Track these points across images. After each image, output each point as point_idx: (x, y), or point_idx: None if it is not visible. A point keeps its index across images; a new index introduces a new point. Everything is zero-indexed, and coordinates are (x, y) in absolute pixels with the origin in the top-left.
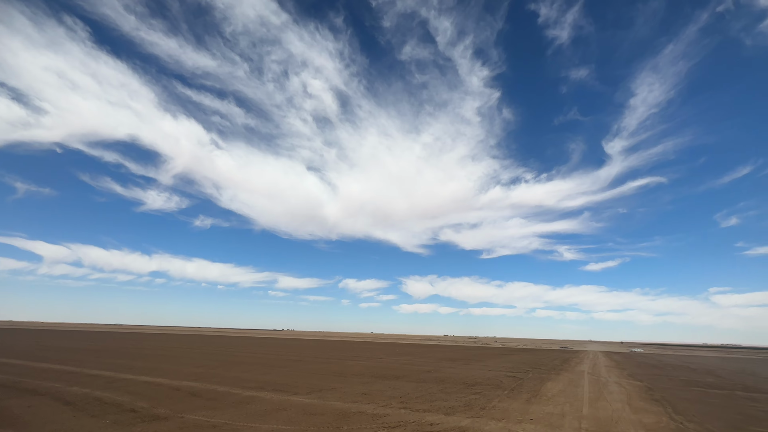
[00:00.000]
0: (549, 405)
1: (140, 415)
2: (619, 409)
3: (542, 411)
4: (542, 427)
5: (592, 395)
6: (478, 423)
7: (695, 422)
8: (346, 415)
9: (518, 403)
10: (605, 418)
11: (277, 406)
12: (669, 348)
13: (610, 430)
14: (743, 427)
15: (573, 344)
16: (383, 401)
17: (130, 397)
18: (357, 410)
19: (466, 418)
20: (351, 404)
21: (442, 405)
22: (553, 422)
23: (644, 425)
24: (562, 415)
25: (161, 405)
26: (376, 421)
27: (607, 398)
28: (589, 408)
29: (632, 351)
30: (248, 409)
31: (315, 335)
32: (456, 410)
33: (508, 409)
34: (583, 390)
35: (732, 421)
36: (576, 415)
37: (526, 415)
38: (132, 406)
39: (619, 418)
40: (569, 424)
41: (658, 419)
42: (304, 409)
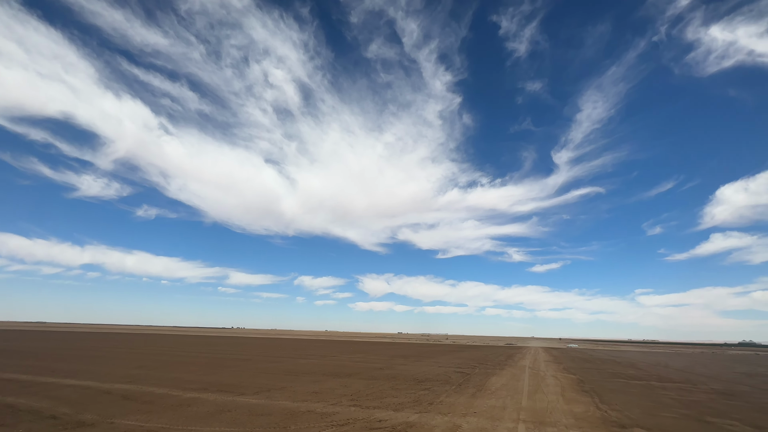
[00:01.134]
0: (492, 398)
1: (62, 422)
2: (554, 400)
3: (486, 404)
4: (484, 419)
5: (531, 388)
6: (425, 418)
7: (617, 410)
8: (294, 415)
9: (464, 398)
10: (541, 409)
11: (221, 407)
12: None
13: (545, 419)
14: (655, 413)
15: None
16: (334, 399)
17: (50, 403)
18: (306, 409)
19: (414, 414)
20: (300, 403)
21: (392, 401)
22: (494, 415)
23: (574, 414)
24: (504, 408)
25: (88, 410)
26: (324, 420)
27: (544, 391)
28: (527, 400)
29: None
30: (188, 412)
31: (267, 334)
32: (405, 406)
33: (455, 404)
34: (524, 384)
35: (647, 408)
36: (516, 407)
37: (471, 409)
38: (53, 413)
39: (553, 409)
40: (509, 415)
41: (587, 408)
42: (250, 410)
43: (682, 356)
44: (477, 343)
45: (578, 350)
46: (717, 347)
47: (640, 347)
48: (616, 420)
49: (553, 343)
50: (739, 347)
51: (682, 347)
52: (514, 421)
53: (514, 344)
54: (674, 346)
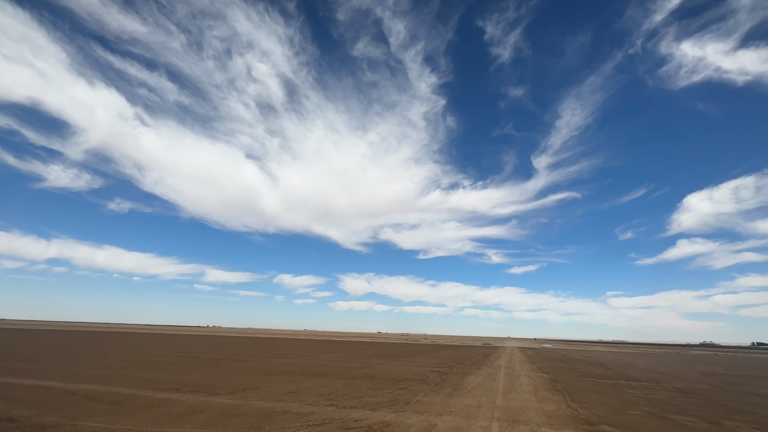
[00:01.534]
0: (468, 397)
1: (20, 424)
2: (527, 399)
3: (461, 403)
4: (460, 418)
5: (505, 387)
6: (402, 417)
7: (586, 408)
8: (269, 415)
9: (441, 397)
10: (514, 407)
11: (193, 408)
12: (573, 344)
13: (518, 417)
14: (622, 410)
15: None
16: (310, 399)
17: (7, 405)
18: (281, 409)
19: (391, 413)
20: (276, 403)
21: (369, 401)
22: (470, 413)
23: (546, 412)
24: (479, 407)
25: (50, 412)
26: (300, 420)
27: (518, 390)
28: (502, 399)
29: (543, 347)
30: (158, 413)
31: (244, 332)
32: (382, 406)
33: (431, 403)
34: (499, 383)
35: (614, 405)
36: (490, 405)
37: (447, 408)
38: (9, 415)
39: (526, 407)
40: (483, 414)
41: (558, 407)
42: (223, 410)
43: (648, 356)
44: (455, 343)
45: (552, 350)
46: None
47: (610, 347)
48: (585, 418)
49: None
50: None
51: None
52: (489, 419)
53: (491, 344)
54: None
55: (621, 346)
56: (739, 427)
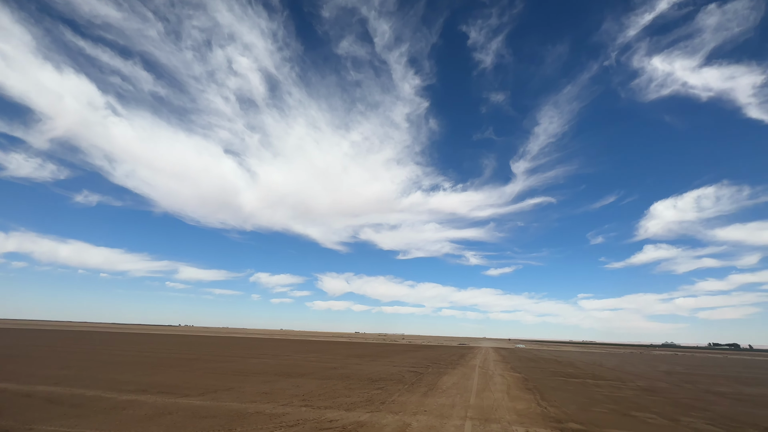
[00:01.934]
0: (443, 397)
1: None
2: (500, 398)
3: (436, 403)
4: (434, 417)
5: (479, 387)
6: (377, 417)
7: (555, 406)
8: (241, 416)
9: (416, 397)
10: (487, 406)
11: (161, 410)
12: (545, 344)
13: (490, 416)
14: (588, 408)
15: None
16: (284, 400)
17: None
18: (254, 410)
19: (366, 413)
20: (248, 404)
21: (344, 401)
22: (444, 412)
23: (517, 411)
24: (452, 406)
25: (2, 416)
26: (273, 421)
27: (492, 389)
28: (475, 398)
29: (517, 347)
30: (123, 416)
31: (218, 332)
32: (357, 406)
33: (406, 403)
34: (473, 382)
35: (582, 404)
36: (464, 405)
37: (421, 407)
38: None
39: (498, 406)
40: (457, 413)
41: (528, 405)
42: (193, 412)
43: (614, 356)
44: (432, 343)
45: (525, 350)
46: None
47: (579, 347)
48: (554, 416)
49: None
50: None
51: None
52: (462, 418)
53: (467, 344)
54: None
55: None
56: (695, 422)
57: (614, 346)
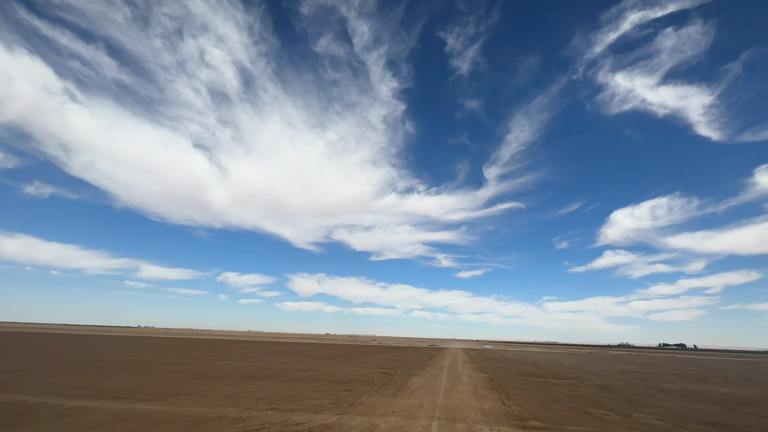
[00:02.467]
0: (411, 398)
1: None
2: (467, 398)
3: (404, 404)
4: (401, 418)
5: (447, 387)
6: (344, 419)
7: (519, 405)
8: (203, 421)
9: (385, 398)
10: (454, 406)
11: (115, 416)
12: (511, 345)
13: (456, 416)
14: (549, 406)
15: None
16: (250, 403)
17: None
18: (217, 415)
19: (334, 415)
20: (211, 408)
21: (312, 404)
22: (411, 413)
23: (482, 410)
24: (420, 406)
25: None
26: (237, 425)
27: (459, 389)
28: (443, 398)
29: (484, 348)
30: (71, 423)
31: (181, 333)
32: (325, 408)
33: (375, 404)
34: (441, 383)
35: (543, 402)
36: (432, 405)
37: (390, 408)
38: None
39: (465, 406)
40: (424, 413)
41: (493, 404)
42: (150, 418)
43: (575, 356)
44: (403, 345)
45: (492, 351)
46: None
47: (543, 348)
48: (517, 414)
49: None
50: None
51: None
52: (429, 418)
53: (437, 345)
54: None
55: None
56: (645, 418)
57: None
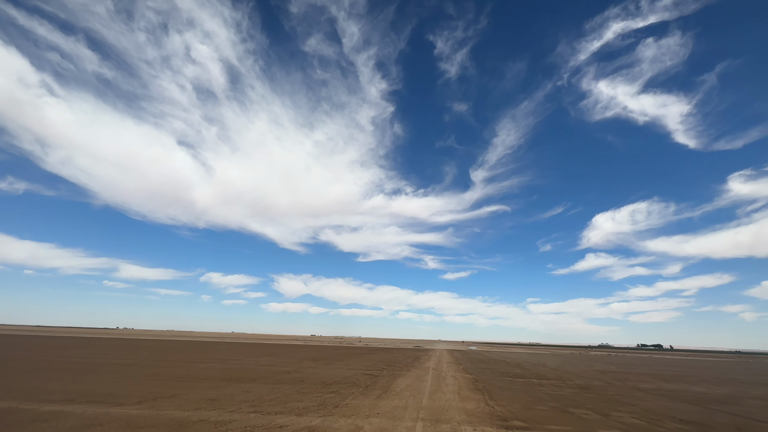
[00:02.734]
0: (396, 399)
1: None
2: (451, 399)
3: (389, 405)
4: (386, 419)
5: (432, 388)
6: (329, 421)
7: (502, 405)
8: (183, 425)
9: (370, 400)
10: (439, 407)
11: (90, 421)
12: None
13: (441, 417)
14: (532, 406)
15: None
16: (232, 406)
17: None
18: (198, 418)
19: (318, 418)
20: (192, 412)
21: (296, 406)
22: (396, 414)
23: (466, 411)
24: (405, 408)
25: None
26: (219, 429)
27: (444, 390)
28: (428, 399)
29: (469, 349)
30: (43, 429)
31: (162, 335)
32: (309, 410)
33: (360, 406)
34: (426, 384)
35: (526, 402)
36: (417, 406)
37: (374, 410)
38: None
39: (449, 407)
40: (409, 414)
41: (477, 405)
42: (128, 422)
43: (557, 357)
44: (388, 346)
45: (477, 352)
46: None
47: (526, 349)
48: (500, 414)
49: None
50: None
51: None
52: (414, 420)
53: (422, 347)
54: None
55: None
56: (623, 417)
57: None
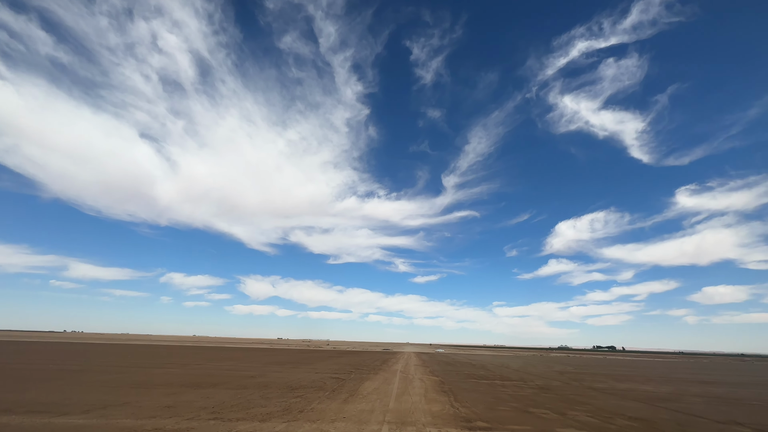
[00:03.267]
0: (363, 403)
1: None
2: (417, 401)
3: (356, 409)
4: (352, 424)
5: (399, 391)
6: (293, 426)
7: (466, 407)
8: None
9: (336, 403)
10: (405, 410)
11: None
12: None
13: (407, 419)
14: (495, 407)
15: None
16: (190, 413)
17: None
18: (153, 427)
19: (282, 423)
20: (146, 420)
21: (260, 411)
22: (362, 418)
23: (432, 413)
24: (372, 411)
25: None
26: None
27: (410, 393)
28: (394, 402)
29: (437, 352)
30: None
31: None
32: (273, 416)
33: (325, 410)
34: (394, 387)
35: (489, 403)
36: (383, 409)
37: (340, 414)
38: None
39: (415, 409)
40: (375, 418)
41: (443, 407)
42: None
43: (519, 358)
44: (356, 349)
45: (444, 355)
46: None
47: (491, 351)
48: (464, 416)
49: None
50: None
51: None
52: (380, 423)
53: (391, 350)
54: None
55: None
56: (578, 415)
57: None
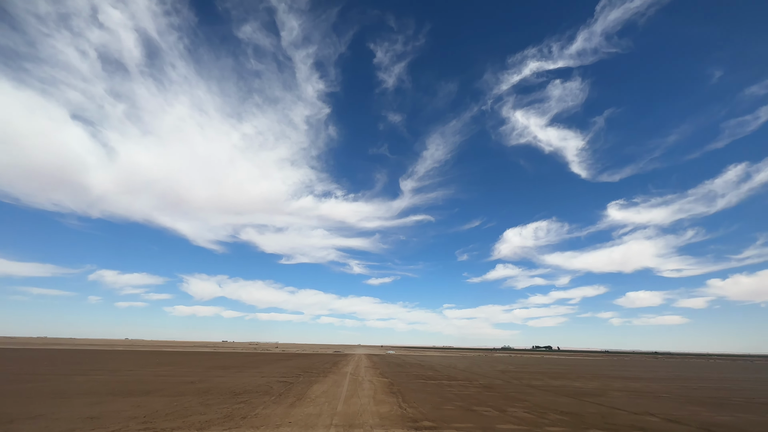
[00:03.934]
0: (310, 406)
1: None
2: (366, 403)
3: (303, 413)
4: (299, 428)
5: (348, 393)
6: None
7: (414, 407)
8: None
9: (282, 408)
10: (353, 412)
11: None
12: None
13: (355, 421)
14: (440, 407)
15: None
16: (117, 424)
17: None
18: None
19: (222, 431)
20: None
21: (198, 420)
22: (309, 422)
23: (380, 414)
24: (319, 415)
25: None
26: None
27: (360, 395)
28: (343, 405)
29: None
30: None
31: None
32: (213, 424)
33: (271, 415)
34: (343, 389)
35: (436, 403)
36: (331, 413)
37: (286, 419)
38: None
39: (363, 411)
40: (323, 422)
41: (391, 408)
42: None
43: (466, 359)
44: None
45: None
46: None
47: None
48: (411, 416)
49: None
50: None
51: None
52: (327, 427)
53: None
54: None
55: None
56: (516, 411)
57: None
